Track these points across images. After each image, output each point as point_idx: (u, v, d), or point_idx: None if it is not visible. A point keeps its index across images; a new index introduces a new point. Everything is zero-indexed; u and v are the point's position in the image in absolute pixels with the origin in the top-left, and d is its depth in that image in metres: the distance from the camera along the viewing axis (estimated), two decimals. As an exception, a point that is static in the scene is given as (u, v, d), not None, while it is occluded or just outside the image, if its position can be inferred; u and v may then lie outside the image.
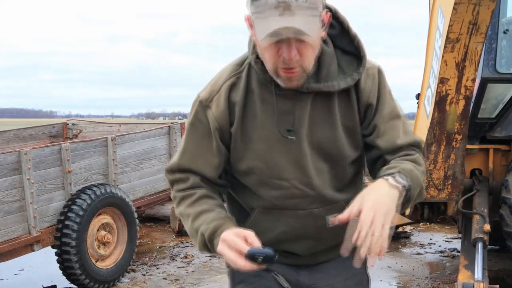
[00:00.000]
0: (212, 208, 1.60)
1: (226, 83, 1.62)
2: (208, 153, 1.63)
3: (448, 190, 4.28)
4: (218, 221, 1.54)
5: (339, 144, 1.61)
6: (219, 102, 1.61)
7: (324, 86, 1.56)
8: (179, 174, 1.68)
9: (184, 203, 1.65)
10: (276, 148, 1.60)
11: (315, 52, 1.50)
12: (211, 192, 1.67)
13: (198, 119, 1.64)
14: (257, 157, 1.61)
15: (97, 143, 5.23)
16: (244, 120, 1.60)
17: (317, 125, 1.60)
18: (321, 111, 1.60)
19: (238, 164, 1.64)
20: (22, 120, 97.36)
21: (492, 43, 4.54)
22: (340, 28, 1.61)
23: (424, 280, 5.25)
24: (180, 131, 6.39)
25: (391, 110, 1.63)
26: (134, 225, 5.36)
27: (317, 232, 1.67)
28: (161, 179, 6.12)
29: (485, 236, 4.17)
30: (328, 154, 1.62)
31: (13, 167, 4.42)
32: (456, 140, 4.12)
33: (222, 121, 1.61)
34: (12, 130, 6.78)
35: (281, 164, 1.60)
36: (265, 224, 1.68)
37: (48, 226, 4.70)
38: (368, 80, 1.62)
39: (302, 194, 1.63)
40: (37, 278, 5.43)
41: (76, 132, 7.34)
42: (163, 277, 5.40)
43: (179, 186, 1.68)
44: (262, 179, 1.63)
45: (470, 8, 3.47)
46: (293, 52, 1.45)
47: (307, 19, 1.42)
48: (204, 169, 1.64)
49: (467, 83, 3.88)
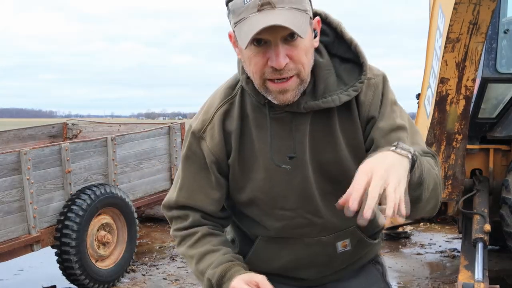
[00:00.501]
0: (216, 248, 1.51)
1: (219, 111, 1.49)
2: (207, 187, 1.52)
3: (448, 190, 4.28)
4: (225, 264, 1.46)
5: (344, 166, 1.46)
6: (213, 133, 1.49)
7: (323, 103, 1.40)
8: (177, 211, 1.58)
9: (186, 243, 1.55)
10: (277, 177, 1.47)
11: (309, 57, 1.35)
12: (214, 228, 1.57)
13: (193, 151, 1.53)
14: (258, 187, 1.49)
15: (97, 143, 5.23)
16: (241, 150, 1.48)
17: (319, 147, 1.46)
18: (321, 132, 1.45)
19: (239, 195, 1.53)
20: (22, 120, 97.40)
21: (493, 43, 4.54)
22: (334, 34, 1.45)
23: (424, 280, 5.24)
24: (180, 131, 6.39)
25: (391, 122, 1.43)
26: (134, 225, 5.36)
27: (326, 260, 1.57)
28: (161, 179, 6.12)
29: (485, 236, 4.16)
30: (334, 178, 1.47)
31: (13, 167, 4.42)
32: (457, 140, 4.12)
33: (218, 154, 1.49)
34: (12, 130, 6.77)
35: (284, 193, 1.48)
36: (270, 253, 1.58)
37: (47, 226, 4.69)
38: (369, 91, 1.44)
39: (309, 222, 1.51)
40: (36, 278, 5.42)
41: (76, 132, 7.33)
42: (163, 277, 5.39)
43: (178, 225, 1.58)
44: (265, 210, 1.52)
45: (470, 8, 3.46)
46: (282, 56, 1.29)
47: (292, 13, 1.26)
48: (204, 204, 1.54)
49: (468, 83, 3.88)
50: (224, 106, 1.50)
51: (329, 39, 1.45)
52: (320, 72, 1.41)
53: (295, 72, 1.32)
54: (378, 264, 1.72)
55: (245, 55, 1.36)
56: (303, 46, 1.31)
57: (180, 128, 6.39)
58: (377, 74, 1.47)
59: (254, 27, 1.25)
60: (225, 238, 1.59)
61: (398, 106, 1.48)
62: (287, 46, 1.30)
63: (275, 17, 1.25)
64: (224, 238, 1.58)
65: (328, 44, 1.45)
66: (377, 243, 1.69)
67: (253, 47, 1.31)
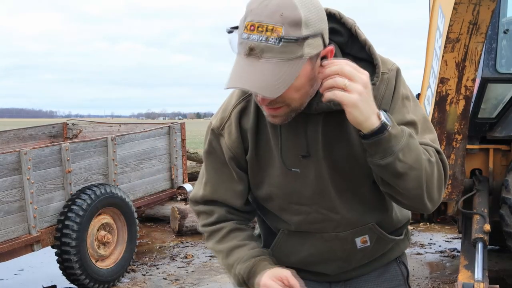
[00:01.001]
0: (243, 243, 1.55)
1: (236, 109, 1.52)
2: (230, 181, 1.57)
3: (448, 190, 4.28)
4: (252, 259, 1.50)
5: (358, 161, 1.45)
6: (231, 130, 1.52)
7: (335, 105, 1.36)
8: (203, 206, 1.63)
9: (213, 238, 1.60)
10: (292, 173, 1.48)
11: (302, 92, 1.32)
12: (240, 223, 1.61)
13: (213, 147, 1.57)
14: (274, 183, 1.52)
15: (97, 143, 5.23)
16: (258, 146, 1.51)
17: (333, 144, 1.46)
18: (334, 129, 1.45)
19: (258, 190, 1.57)
20: (22, 120, 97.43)
21: (492, 43, 4.54)
22: (348, 34, 1.43)
23: (424, 280, 5.24)
24: (180, 131, 6.39)
25: (401, 117, 1.41)
26: (134, 225, 5.36)
27: (345, 255, 1.58)
28: (161, 179, 6.12)
29: (485, 236, 4.17)
30: (349, 174, 1.48)
31: (13, 167, 4.42)
32: (456, 140, 4.12)
33: (236, 150, 1.53)
34: (12, 130, 6.78)
35: (300, 189, 1.50)
36: (291, 246, 1.61)
37: (48, 226, 4.70)
38: (382, 85, 1.43)
39: (326, 218, 1.53)
40: (37, 278, 5.43)
41: (76, 132, 7.34)
42: (163, 277, 5.40)
43: (205, 221, 1.63)
44: (282, 205, 1.55)
45: (470, 8, 3.46)
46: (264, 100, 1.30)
47: (274, 68, 1.22)
48: (228, 198, 1.58)
49: (467, 83, 3.88)
50: (241, 104, 1.52)
51: (343, 39, 1.43)
52: None
53: (283, 105, 1.33)
54: (403, 265, 1.70)
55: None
56: (293, 86, 1.28)
57: (180, 128, 6.39)
58: (390, 68, 1.46)
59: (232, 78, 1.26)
60: (251, 233, 1.62)
61: (411, 101, 1.47)
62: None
63: (250, 76, 1.23)
64: (250, 233, 1.62)
65: (342, 44, 1.44)
66: (402, 240, 1.68)
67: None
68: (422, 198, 1.38)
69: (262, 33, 1.21)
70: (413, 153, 1.33)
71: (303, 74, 1.29)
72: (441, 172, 1.40)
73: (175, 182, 6.30)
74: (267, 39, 1.21)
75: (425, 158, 1.36)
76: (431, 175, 1.37)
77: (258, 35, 1.22)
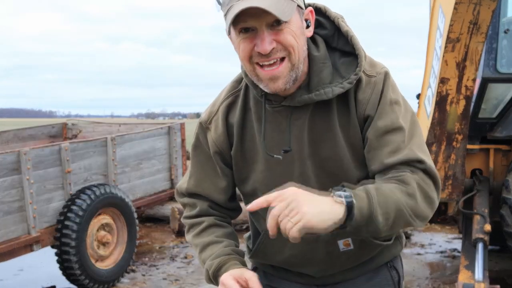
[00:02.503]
0: (219, 240, 1.55)
1: (224, 103, 1.54)
2: (214, 176, 1.58)
3: (448, 190, 4.28)
4: (222, 257, 1.50)
5: (343, 163, 1.45)
6: (217, 124, 1.54)
7: (316, 96, 1.39)
8: (187, 199, 1.64)
9: (192, 231, 1.61)
10: (277, 170, 1.48)
11: (300, 42, 1.35)
12: (220, 219, 1.61)
13: (200, 141, 1.59)
14: (259, 179, 1.52)
15: (96, 143, 5.22)
16: (243, 141, 1.52)
17: (318, 143, 1.45)
18: (321, 127, 1.44)
19: (243, 186, 1.57)
20: (22, 120, 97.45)
21: (493, 43, 4.54)
22: (334, 28, 1.45)
23: (424, 280, 5.24)
24: (180, 131, 6.39)
25: (389, 123, 1.40)
26: (133, 225, 5.35)
27: (328, 257, 1.55)
28: (161, 179, 6.11)
29: (485, 237, 4.16)
30: (333, 174, 1.46)
31: (13, 167, 4.42)
32: (457, 140, 4.12)
33: (221, 144, 1.54)
34: (11, 130, 6.78)
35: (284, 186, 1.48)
36: (273, 247, 1.59)
37: (47, 226, 4.69)
38: (368, 88, 1.42)
39: None
40: (36, 278, 5.42)
41: (75, 132, 7.34)
42: (163, 277, 5.39)
43: (187, 213, 1.65)
44: None
45: (470, 8, 3.46)
46: (267, 41, 1.31)
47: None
48: (211, 192, 1.59)
49: (468, 83, 3.87)
50: (229, 99, 1.55)
51: (328, 32, 1.45)
52: (315, 66, 1.42)
53: (284, 54, 1.34)
54: (394, 270, 1.66)
55: (235, 45, 1.38)
56: (289, 30, 1.32)
57: (180, 128, 6.38)
58: (379, 72, 1.44)
59: (235, 11, 1.28)
60: (230, 230, 1.62)
61: (400, 106, 1.43)
62: (273, 32, 1.32)
63: (256, 1, 1.27)
64: (229, 230, 1.61)
65: (328, 37, 1.45)
66: (392, 245, 1.63)
67: (241, 35, 1.34)
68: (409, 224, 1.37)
69: None
70: (389, 203, 1.30)
71: (296, 22, 1.34)
72: (424, 191, 1.37)
73: (175, 182, 6.29)
74: None
75: (402, 195, 1.33)
76: (415, 204, 1.35)
77: None
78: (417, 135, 1.44)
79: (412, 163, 1.38)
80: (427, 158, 1.41)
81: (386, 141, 1.39)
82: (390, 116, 1.40)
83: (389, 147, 1.39)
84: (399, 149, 1.39)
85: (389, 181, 1.36)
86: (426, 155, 1.42)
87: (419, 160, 1.39)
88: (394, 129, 1.40)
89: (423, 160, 1.39)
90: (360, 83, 1.42)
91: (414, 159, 1.38)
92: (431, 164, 1.41)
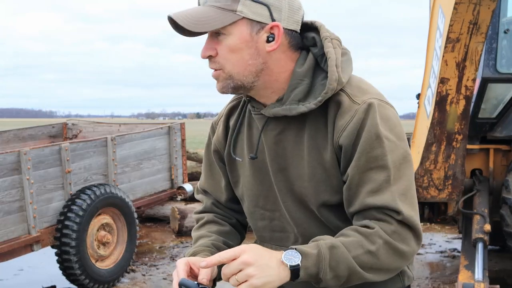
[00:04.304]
0: (210, 234, 1.58)
1: (229, 106, 1.61)
2: (217, 175, 1.64)
3: (448, 190, 4.28)
4: (199, 247, 1.52)
5: (312, 183, 1.40)
6: (220, 125, 1.61)
7: (282, 110, 1.39)
8: (200, 195, 1.73)
9: (195, 225, 1.67)
10: (259, 177, 1.51)
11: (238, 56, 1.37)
12: (220, 218, 1.65)
13: (210, 141, 1.66)
14: (245, 183, 1.55)
15: (97, 143, 5.23)
16: (234, 145, 1.56)
17: (289, 159, 1.44)
18: (293, 143, 1.42)
19: (235, 189, 1.61)
20: (22, 120, 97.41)
21: (493, 43, 4.54)
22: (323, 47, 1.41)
23: (424, 280, 5.24)
24: (180, 131, 6.39)
25: (372, 158, 1.32)
26: (134, 225, 5.35)
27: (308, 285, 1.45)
28: (161, 179, 6.11)
29: (485, 236, 4.17)
30: (301, 193, 1.43)
31: (13, 167, 4.42)
32: (457, 140, 4.12)
33: (219, 145, 1.60)
34: (12, 130, 6.78)
35: (264, 193, 1.51)
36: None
37: (47, 226, 4.69)
38: (348, 115, 1.34)
39: (285, 228, 1.50)
40: (36, 278, 5.42)
41: (75, 132, 7.33)
42: (163, 277, 5.39)
43: (198, 208, 1.72)
44: (250, 208, 1.56)
45: (470, 8, 3.46)
46: (205, 47, 1.39)
47: (205, 10, 1.35)
48: (214, 191, 1.66)
49: (468, 83, 3.87)
50: (234, 102, 1.60)
51: (318, 52, 1.42)
52: (292, 81, 1.41)
53: (219, 67, 1.39)
54: None
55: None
56: (226, 43, 1.37)
57: (180, 128, 6.38)
58: (364, 100, 1.35)
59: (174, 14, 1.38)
60: (227, 229, 1.63)
61: (389, 142, 1.33)
62: (214, 41, 1.39)
63: (186, 12, 1.36)
64: (226, 228, 1.62)
65: (317, 56, 1.42)
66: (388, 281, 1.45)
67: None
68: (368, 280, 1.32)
69: None
70: (340, 265, 1.27)
71: (238, 35, 1.36)
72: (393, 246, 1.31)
73: (175, 182, 6.29)
74: None
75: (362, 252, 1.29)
76: (375, 261, 1.30)
77: None
78: (404, 178, 1.34)
79: (389, 212, 1.31)
80: (407, 207, 1.33)
81: (367, 178, 1.32)
82: (375, 152, 1.32)
83: (369, 185, 1.32)
84: (379, 189, 1.31)
85: (355, 233, 1.31)
86: (408, 204, 1.33)
87: (396, 211, 1.31)
88: (378, 166, 1.32)
89: (400, 211, 1.31)
90: (340, 107, 1.36)
91: (392, 208, 1.31)
92: (409, 216, 1.32)
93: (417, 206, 1.37)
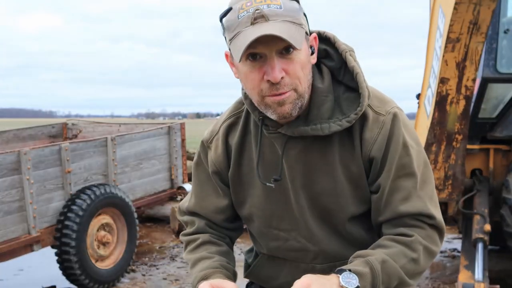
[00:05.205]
0: (211, 255, 1.52)
1: (225, 124, 1.53)
2: (213, 195, 1.57)
3: (448, 190, 4.28)
4: (209, 270, 1.47)
5: (339, 198, 1.41)
6: (217, 145, 1.53)
7: (312, 130, 1.34)
8: (187, 217, 1.64)
9: (188, 248, 1.60)
10: (274, 196, 1.46)
11: (305, 72, 1.31)
12: (216, 237, 1.60)
13: (201, 160, 1.58)
14: (255, 204, 1.50)
15: (97, 143, 5.22)
16: (240, 165, 1.50)
17: (313, 175, 1.41)
18: (318, 159, 1.40)
19: (239, 209, 1.56)
20: (22, 120, 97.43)
21: (493, 43, 4.54)
22: (341, 60, 1.39)
23: (424, 280, 5.24)
24: (180, 131, 6.38)
25: (400, 167, 1.35)
26: (134, 225, 5.35)
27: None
28: (161, 179, 6.11)
29: (485, 237, 4.17)
30: (329, 209, 1.43)
31: (13, 167, 4.42)
32: (457, 140, 4.12)
33: (220, 165, 1.53)
34: (11, 130, 6.77)
35: (280, 213, 1.47)
36: (269, 271, 1.58)
37: (47, 226, 4.69)
38: (375, 128, 1.36)
39: (303, 247, 1.49)
40: (36, 278, 5.42)
41: (75, 132, 7.33)
42: (163, 277, 5.39)
43: (186, 230, 1.64)
44: (261, 228, 1.52)
45: (470, 8, 3.46)
46: (277, 69, 1.26)
47: (286, 25, 1.24)
48: (209, 212, 1.59)
49: (468, 83, 3.87)
50: (230, 119, 1.53)
51: (335, 65, 1.40)
52: (316, 98, 1.36)
53: (292, 88, 1.29)
54: None
55: (241, 73, 1.33)
56: (298, 60, 1.28)
57: (180, 128, 6.38)
58: (388, 111, 1.37)
59: (248, 39, 1.23)
60: (225, 249, 1.59)
61: (413, 149, 1.38)
62: (283, 60, 1.27)
63: (269, 28, 1.23)
64: (224, 249, 1.59)
65: (335, 70, 1.40)
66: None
67: (248, 63, 1.29)
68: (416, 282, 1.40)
69: (262, 2, 1.25)
70: (392, 278, 1.33)
71: (305, 49, 1.31)
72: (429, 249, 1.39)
73: (175, 182, 6.29)
74: (268, 6, 1.25)
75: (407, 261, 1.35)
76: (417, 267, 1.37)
77: (259, 4, 1.25)
78: (429, 182, 1.41)
79: (422, 218, 1.38)
80: (437, 210, 1.40)
81: (397, 186, 1.36)
82: (403, 160, 1.36)
83: (400, 193, 1.36)
84: (410, 196, 1.36)
85: (393, 243, 1.36)
86: (435, 206, 1.41)
87: (429, 216, 1.38)
88: (406, 174, 1.36)
89: (433, 215, 1.38)
90: (366, 120, 1.37)
91: (425, 214, 1.37)
92: (440, 219, 1.41)
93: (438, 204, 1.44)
